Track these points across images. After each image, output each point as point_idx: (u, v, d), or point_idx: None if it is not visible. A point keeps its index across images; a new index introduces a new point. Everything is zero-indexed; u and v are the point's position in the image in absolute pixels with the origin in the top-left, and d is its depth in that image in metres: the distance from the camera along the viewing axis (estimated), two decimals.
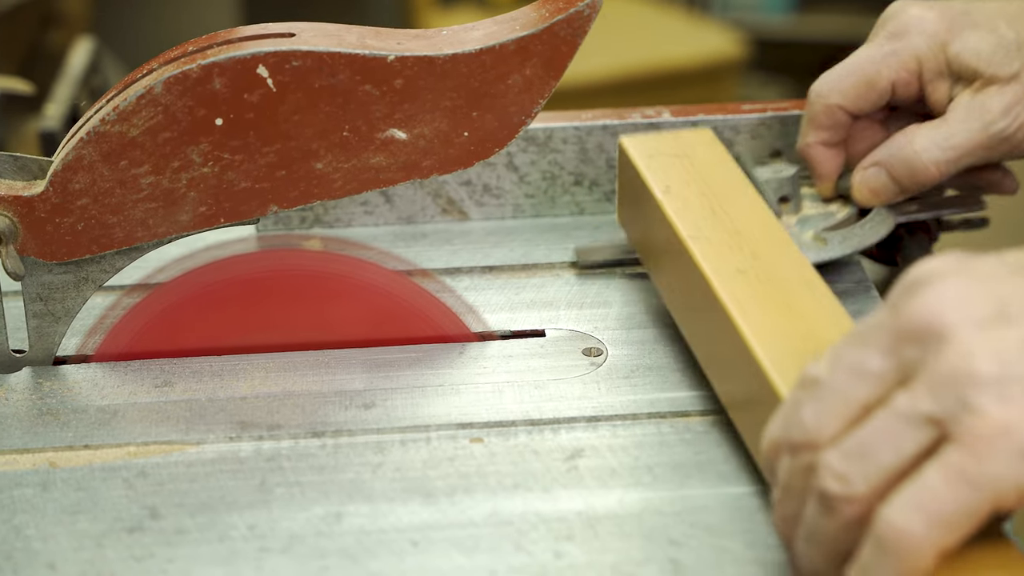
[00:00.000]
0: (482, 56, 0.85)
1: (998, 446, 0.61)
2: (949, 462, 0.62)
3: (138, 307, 0.91)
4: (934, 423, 0.63)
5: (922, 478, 0.62)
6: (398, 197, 1.08)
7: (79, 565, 0.75)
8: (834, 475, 0.65)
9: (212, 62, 0.83)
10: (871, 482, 0.64)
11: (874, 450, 0.64)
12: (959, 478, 0.62)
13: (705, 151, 0.96)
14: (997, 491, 0.61)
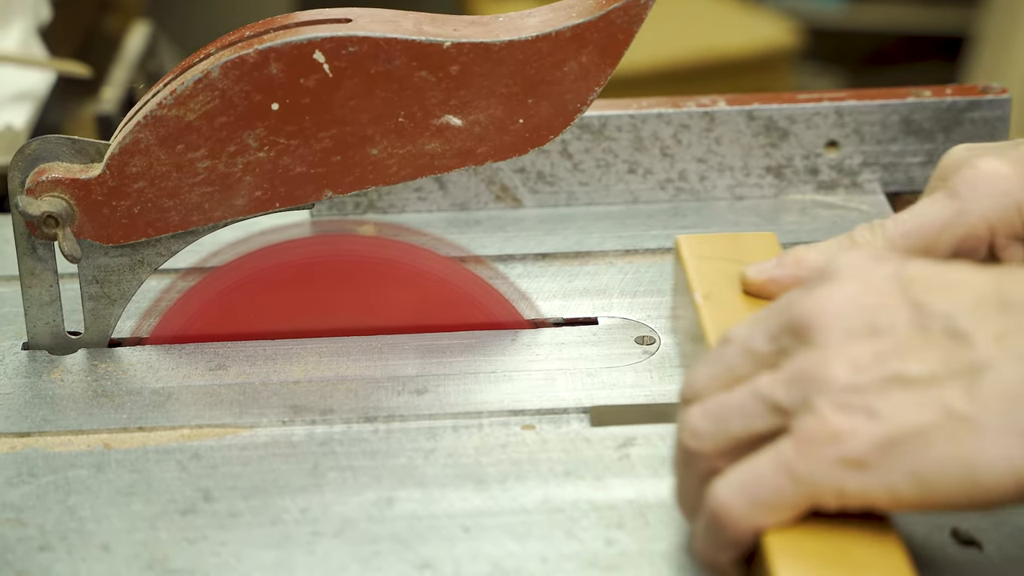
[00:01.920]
0: (538, 43, 0.85)
1: (824, 451, 0.64)
2: (780, 452, 0.65)
3: (193, 290, 0.92)
4: (781, 412, 0.66)
5: (755, 460, 0.66)
6: (452, 183, 1.08)
7: (132, 546, 0.75)
8: (690, 429, 0.69)
9: (269, 47, 0.83)
10: (718, 444, 0.68)
11: (727, 416, 0.68)
12: (783, 470, 0.65)
13: (765, 258, 0.86)
14: (815, 490, 0.65)
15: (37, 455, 0.82)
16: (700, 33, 3.06)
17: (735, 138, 1.08)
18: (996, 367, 0.63)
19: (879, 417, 0.64)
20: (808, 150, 1.08)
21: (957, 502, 0.64)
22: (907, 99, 1.08)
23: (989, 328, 0.64)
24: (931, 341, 0.65)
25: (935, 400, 0.63)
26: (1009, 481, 0.62)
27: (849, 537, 0.66)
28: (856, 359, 0.65)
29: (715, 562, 0.69)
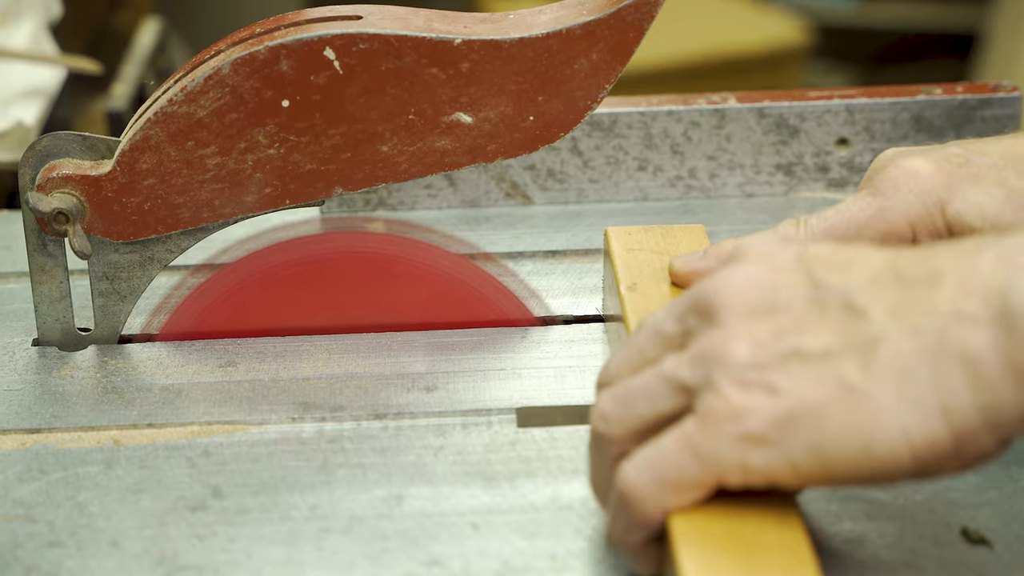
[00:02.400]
0: (549, 40, 0.85)
1: (726, 428, 0.65)
2: (684, 431, 0.66)
3: (203, 287, 0.92)
4: (686, 391, 0.67)
5: (660, 441, 0.67)
6: (462, 181, 1.08)
7: (142, 543, 0.75)
8: (600, 413, 0.70)
9: (279, 44, 0.83)
10: (626, 427, 0.69)
11: (634, 399, 0.69)
12: (688, 448, 0.66)
13: (692, 250, 0.88)
14: (719, 467, 0.66)
15: (47, 451, 0.82)
16: (711, 31, 3.06)
17: (745, 135, 1.08)
18: (890, 340, 0.64)
19: (778, 393, 0.65)
20: (819, 148, 1.08)
21: (856, 475, 0.64)
22: (918, 97, 1.08)
23: (884, 302, 0.65)
24: (828, 316, 0.66)
25: (832, 374, 0.64)
26: (904, 452, 0.63)
27: (752, 521, 0.68)
28: (756, 336, 0.66)
29: (627, 544, 0.70)
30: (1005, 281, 0.63)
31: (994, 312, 0.62)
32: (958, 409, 0.63)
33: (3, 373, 0.89)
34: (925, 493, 0.78)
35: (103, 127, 1.34)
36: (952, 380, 0.63)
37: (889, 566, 0.73)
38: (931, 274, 0.65)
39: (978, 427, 0.63)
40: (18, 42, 1.39)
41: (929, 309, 0.64)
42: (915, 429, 0.63)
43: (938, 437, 0.63)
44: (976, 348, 0.62)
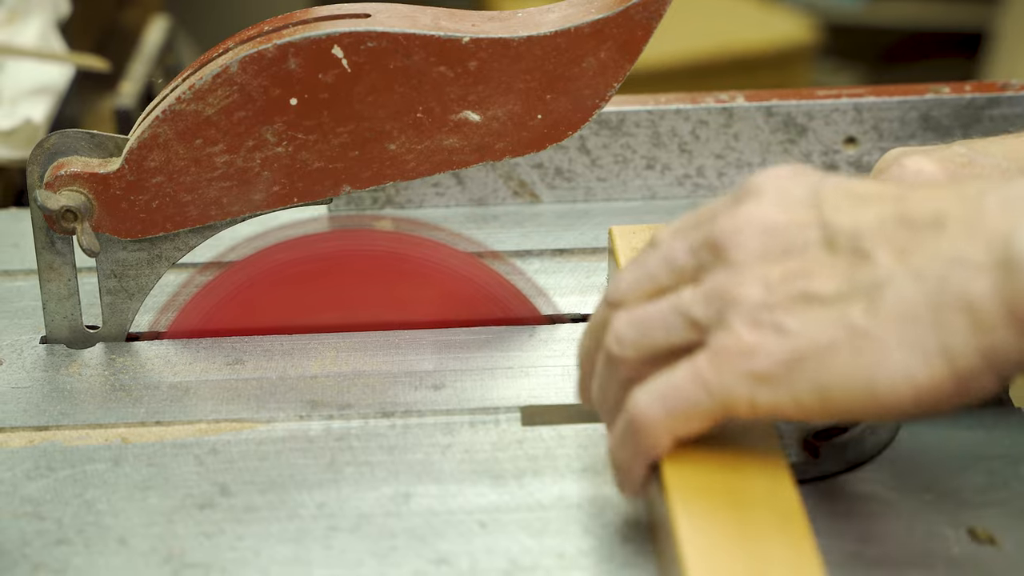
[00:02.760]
0: (557, 39, 0.85)
1: (736, 364, 0.67)
2: (696, 365, 0.68)
3: (211, 285, 0.92)
4: (698, 327, 0.69)
5: (673, 371, 0.69)
6: (470, 179, 1.08)
7: (150, 540, 0.75)
8: (615, 335, 0.72)
9: (287, 42, 0.83)
10: (641, 353, 0.71)
11: (650, 326, 0.71)
12: (699, 381, 0.68)
13: None
14: (728, 401, 0.68)
15: (55, 449, 0.83)
16: (719, 29, 3.06)
17: (753, 134, 1.08)
18: (895, 284, 0.65)
19: (787, 334, 0.67)
20: (827, 146, 1.08)
21: (859, 413, 0.67)
22: (926, 95, 1.08)
23: (891, 245, 0.66)
24: (838, 259, 0.67)
25: (840, 317, 0.66)
26: (906, 393, 0.65)
27: (743, 472, 0.70)
28: (767, 278, 0.68)
29: (630, 468, 0.72)
30: (1009, 227, 0.64)
31: (997, 258, 0.64)
32: (960, 352, 0.64)
33: (11, 370, 0.90)
34: (935, 493, 0.78)
35: (111, 125, 1.34)
36: (954, 324, 0.64)
37: (898, 565, 0.73)
38: (936, 217, 0.66)
39: (979, 369, 0.64)
40: (27, 40, 1.39)
41: (934, 253, 0.65)
42: (918, 371, 0.65)
43: (940, 379, 0.65)
44: (977, 293, 0.64)
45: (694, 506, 0.69)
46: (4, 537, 0.76)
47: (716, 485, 0.70)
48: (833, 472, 0.79)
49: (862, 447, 0.80)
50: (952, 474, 0.79)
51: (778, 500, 0.69)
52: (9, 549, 0.75)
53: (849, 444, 0.80)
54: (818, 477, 0.79)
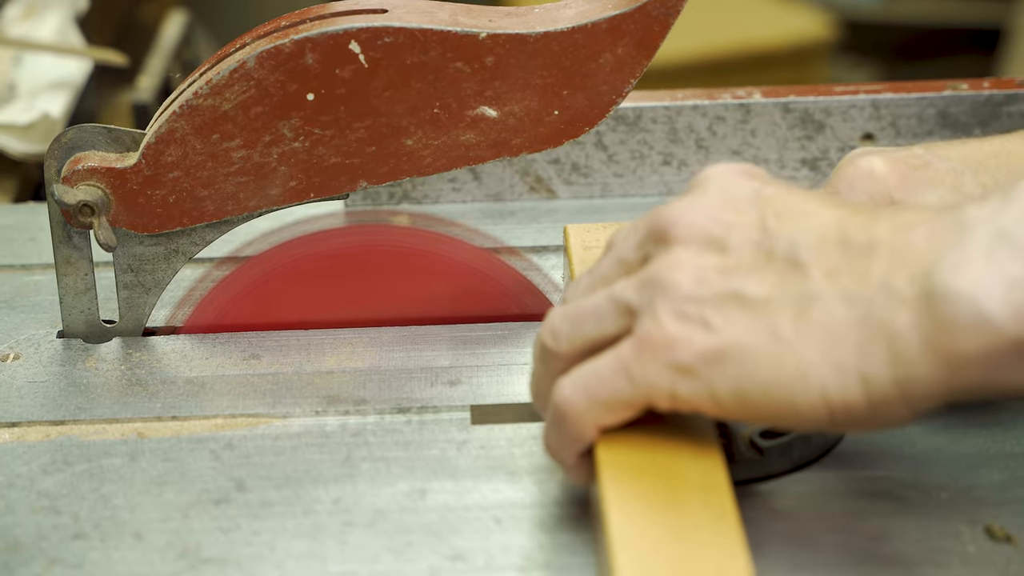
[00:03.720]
0: (574, 35, 0.85)
1: (659, 355, 0.68)
2: (620, 354, 0.69)
3: (227, 280, 0.92)
4: (630, 313, 0.70)
5: (597, 360, 0.70)
6: (486, 174, 1.08)
7: (165, 535, 0.76)
8: (550, 329, 0.73)
9: (305, 37, 0.83)
10: (574, 345, 0.72)
11: (583, 318, 0.72)
12: (622, 370, 0.69)
13: None
14: (649, 391, 0.68)
15: (71, 443, 0.83)
16: (736, 25, 3.05)
17: (771, 130, 1.07)
18: (824, 301, 0.66)
19: (712, 330, 0.67)
20: (844, 143, 1.08)
21: (774, 419, 0.68)
22: (944, 92, 1.07)
23: (825, 263, 0.67)
24: (773, 266, 0.68)
25: (766, 322, 0.67)
26: (821, 408, 0.66)
27: (675, 454, 0.71)
28: (701, 271, 0.68)
29: (561, 456, 0.73)
30: (932, 261, 0.64)
31: (919, 291, 0.64)
32: (875, 379, 0.65)
33: (28, 365, 0.90)
34: (951, 491, 0.78)
35: (128, 119, 1.34)
36: (873, 351, 0.65)
37: (913, 563, 0.73)
38: (871, 242, 0.67)
39: (893, 398, 0.65)
40: (45, 34, 1.39)
41: (863, 278, 0.66)
42: (833, 390, 0.66)
43: (854, 401, 0.66)
44: (898, 325, 0.65)
45: (625, 488, 0.70)
46: (21, 531, 0.76)
47: (649, 469, 0.70)
48: (780, 471, 0.79)
49: (809, 446, 0.80)
50: (968, 472, 0.79)
51: (708, 482, 0.70)
52: (26, 543, 0.75)
53: (795, 443, 0.80)
54: (765, 476, 0.79)
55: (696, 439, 0.72)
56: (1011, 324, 0.62)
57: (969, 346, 0.63)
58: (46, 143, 1.22)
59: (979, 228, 0.64)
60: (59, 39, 1.39)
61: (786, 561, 0.73)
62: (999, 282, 0.63)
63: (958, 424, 0.83)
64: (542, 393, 0.74)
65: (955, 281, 0.63)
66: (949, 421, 0.83)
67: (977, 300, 0.63)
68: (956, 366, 0.64)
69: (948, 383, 0.64)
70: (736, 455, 0.79)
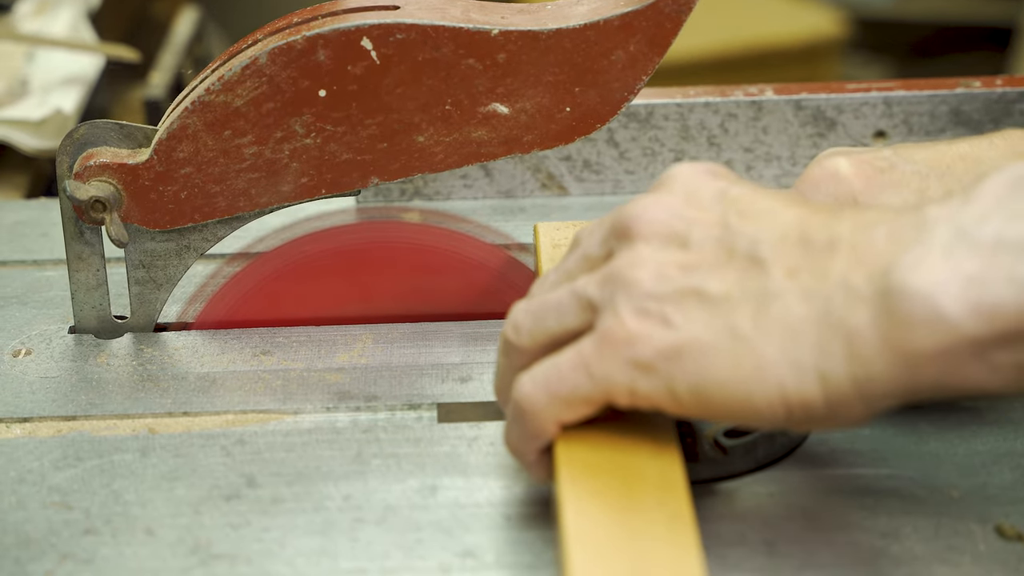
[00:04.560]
0: (586, 31, 0.85)
1: (619, 351, 0.68)
2: (581, 350, 0.69)
3: (239, 276, 0.92)
4: (592, 309, 0.70)
5: (558, 356, 0.70)
6: (498, 171, 1.08)
7: (176, 531, 0.76)
8: (512, 323, 0.73)
9: (317, 34, 0.83)
10: (536, 339, 0.72)
11: (545, 313, 0.72)
12: (582, 366, 0.69)
13: None
14: (609, 388, 0.68)
15: (83, 439, 0.83)
16: (748, 23, 3.05)
17: (782, 128, 1.07)
18: (784, 298, 0.66)
19: (671, 326, 0.67)
20: (856, 140, 1.08)
21: (733, 416, 0.68)
22: (956, 90, 1.07)
23: (786, 261, 0.67)
24: (733, 263, 0.68)
25: (725, 319, 0.67)
26: (778, 406, 0.66)
27: (634, 452, 0.71)
28: (662, 267, 0.68)
29: (522, 453, 0.73)
30: (890, 259, 0.64)
31: (877, 288, 0.64)
32: (833, 376, 0.65)
33: (40, 360, 0.90)
34: (962, 490, 0.78)
35: (141, 115, 1.34)
36: (831, 348, 0.65)
37: (923, 561, 0.73)
38: (831, 241, 0.67)
39: (850, 396, 0.65)
40: (57, 30, 1.39)
41: (823, 276, 0.66)
42: (791, 387, 0.66)
43: (811, 399, 0.66)
44: (856, 323, 0.65)
45: (582, 486, 0.70)
46: (32, 527, 0.76)
47: (607, 467, 0.70)
48: (743, 470, 0.79)
49: (772, 446, 0.80)
50: (980, 470, 0.79)
51: (665, 480, 0.70)
52: (37, 539, 0.75)
53: (759, 443, 0.79)
54: (728, 476, 0.79)
55: (655, 437, 0.72)
56: (967, 322, 0.62)
57: (925, 343, 0.63)
58: (58, 139, 1.22)
59: (939, 227, 0.64)
60: (71, 35, 1.39)
61: (797, 559, 0.73)
62: (956, 280, 0.63)
63: (969, 422, 0.83)
64: (504, 388, 0.74)
65: (912, 279, 0.63)
66: (961, 419, 0.83)
67: (933, 297, 0.63)
68: (913, 364, 0.64)
69: (905, 381, 0.64)
70: (700, 454, 0.78)
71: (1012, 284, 0.62)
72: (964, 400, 0.83)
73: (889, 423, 0.82)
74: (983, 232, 0.63)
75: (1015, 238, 0.63)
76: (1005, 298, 0.62)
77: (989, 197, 0.64)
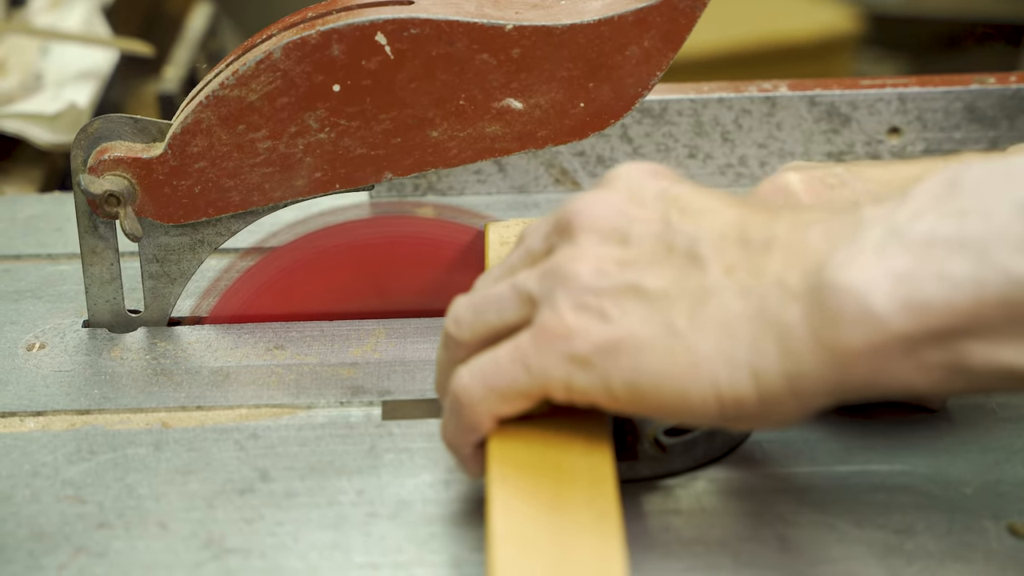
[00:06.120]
0: (600, 27, 0.85)
1: (556, 345, 0.68)
2: (519, 343, 0.69)
3: (252, 270, 0.92)
4: (531, 303, 0.70)
5: (496, 349, 0.70)
6: (511, 166, 1.08)
7: (190, 525, 0.76)
8: (454, 316, 0.73)
9: (331, 28, 0.83)
10: (476, 333, 0.72)
11: (486, 306, 0.72)
12: (520, 360, 0.69)
13: None
14: (546, 382, 0.68)
15: (96, 433, 0.83)
16: (761, 18, 3.05)
17: (796, 123, 1.07)
18: (720, 295, 0.66)
19: (609, 321, 0.67)
20: (870, 136, 1.08)
21: (668, 413, 0.67)
22: (971, 86, 1.07)
23: (724, 258, 0.67)
24: (672, 260, 0.68)
25: (662, 316, 0.67)
26: (712, 402, 0.66)
27: (566, 449, 0.71)
28: (601, 262, 0.68)
29: (458, 446, 0.73)
30: (823, 257, 0.64)
31: (809, 287, 0.64)
32: (766, 374, 0.65)
33: (54, 354, 0.90)
34: (974, 487, 0.77)
35: (154, 110, 1.35)
36: (765, 346, 0.65)
37: (936, 557, 0.73)
38: (768, 239, 0.67)
39: (783, 393, 0.65)
40: (71, 24, 1.40)
41: (759, 273, 0.66)
42: (725, 384, 0.66)
43: (744, 396, 0.65)
44: (789, 320, 0.64)
45: (512, 484, 0.70)
46: (46, 520, 0.76)
47: (538, 464, 0.70)
48: (682, 469, 0.79)
49: (712, 445, 0.80)
50: (993, 467, 0.79)
51: (595, 479, 0.70)
52: (51, 532, 0.75)
53: (698, 441, 0.79)
54: (667, 474, 0.79)
55: (589, 435, 0.72)
56: (897, 319, 0.62)
57: (855, 340, 0.63)
58: (72, 133, 1.22)
59: (873, 226, 0.64)
60: (85, 29, 1.39)
61: (810, 555, 0.73)
62: (886, 277, 0.62)
63: (983, 419, 0.83)
64: (444, 382, 0.74)
65: (843, 275, 0.63)
66: (974, 416, 0.83)
67: (863, 294, 0.63)
68: (843, 361, 0.64)
69: (837, 379, 0.64)
70: (640, 452, 0.78)
71: (942, 282, 0.62)
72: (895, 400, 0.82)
73: (903, 420, 0.82)
74: (916, 230, 0.63)
75: (946, 236, 0.63)
76: (934, 296, 0.62)
77: (925, 196, 0.64)
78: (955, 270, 0.62)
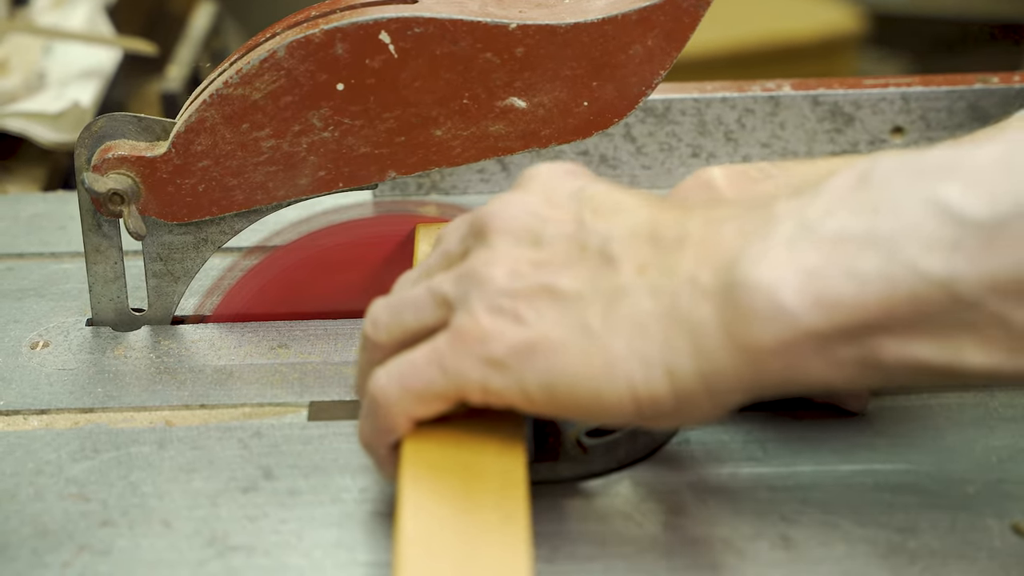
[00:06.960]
0: (604, 26, 0.85)
1: (472, 348, 0.68)
2: (435, 346, 0.69)
3: (256, 269, 0.92)
4: (447, 306, 0.70)
5: (413, 351, 0.70)
6: (515, 165, 1.08)
7: (193, 523, 0.76)
8: (371, 318, 0.73)
9: (335, 27, 0.83)
10: (393, 335, 0.72)
11: (402, 309, 0.72)
12: (436, 362, 0.69)
13: None
14: (462, 384, 0.68)
15: (100, 431, 0.83)
16: (765, 18, 3.05)
17: (800, 123, 1.07)
18: (633, 295, 0.66)
19: (523, 323, 0.67)
20: (873, 136, 1.08)
21: (583, 413, 0.68)
22: (974, 85, 1.07)
23: (636, 257, 0.67)
24: (585, 260, 0.68)
25: (576, 316, 0.67)
26: (628, 401, 0.66)
27: (480, 451, 0.71)
28: (515, 264, 0.69)
29: (374, 447, 0.73)
30: (735, 254, 0.64)
31: (720, 284, 0.64)
32: (680, 372, 0.65)
33: (57, 352, 0.90)
34: (978, 486, 0.77)
35: (158, 109, 1.35)
36: (678, 344, 0.65)
37: (939, 556, 0.73)
38: (680, 237, 0.67)
39: (697, 391, 0.65)
40: (75, 23, 1.40)
41: (671, 272, 0.66)
42: (640, 383, 0.66)
43: (660, 394, 0.66)
44: (700, 318, 0.65)
45: (423, 486, 0.70)
46: (49, 518, 0.76)
47: (450, 467, 0.70)
48: (604, 470, 0.79)
49: (634, 446, 0.79)
50: (996, 466, 0.79)
51: (506, 481, 0.69)
52: (54, 530, 0.75)
53: (620, 442, 0.79)
54: (588, 475, 0.79)
55: (503, 437, 0.72)
56: (807, 315, 0.62)
57: (766, 337, 0.63)
58: (75, 132, 1.22)
59: (785, 221, 0.64)
60: (89, 28, 1.40)
61: (813, 553, 0.73)
62: (796, 272, 0.63)
63: (986, 417, 0.83)
64: (363, 384, 0.74)
65: (754, 272, 0.63)
66: (977, 414, 0.83)
67: (774, 291, 0.63)
68: (756, 358, 0.64)
69: (750, 376, 0.64)
70: (562, 453, 0.78)
71: (851, 278, 0.62)
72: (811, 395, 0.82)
73: (906, 417, 0.82)
74: (826, 226, 0.63)
75: (856, 232, 0.63)
76: (844, 292, 0.62)
77: (836, 191, 0.64)
78: (865, 267, 0.62)
